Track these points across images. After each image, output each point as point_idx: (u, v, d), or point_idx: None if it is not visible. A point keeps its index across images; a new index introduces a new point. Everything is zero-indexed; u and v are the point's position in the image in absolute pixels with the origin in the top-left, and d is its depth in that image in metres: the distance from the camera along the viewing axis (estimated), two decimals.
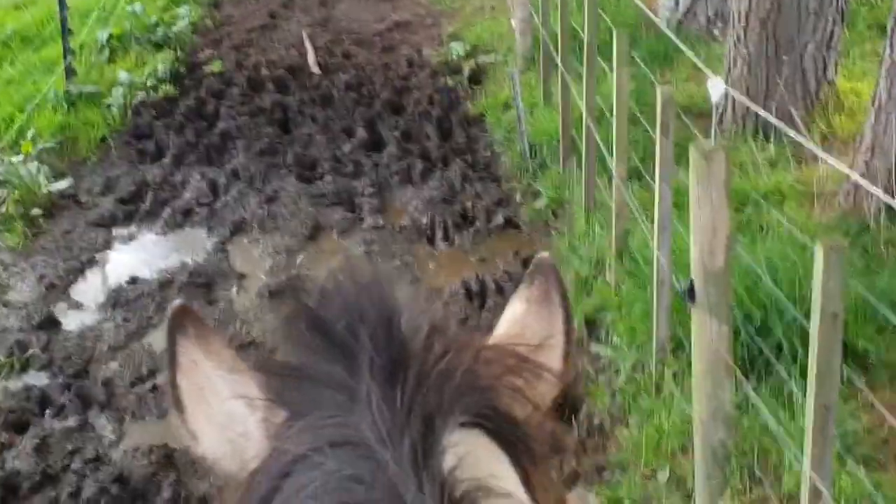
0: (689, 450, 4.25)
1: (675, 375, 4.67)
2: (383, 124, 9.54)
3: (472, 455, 0.87)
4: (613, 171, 5.93)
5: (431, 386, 0.88)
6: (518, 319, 1.11)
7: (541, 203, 7.58)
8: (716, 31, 9.48)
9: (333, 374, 0.90)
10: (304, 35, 11.74)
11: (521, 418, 0.97)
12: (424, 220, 7.66)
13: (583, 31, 6.87)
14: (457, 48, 11.05)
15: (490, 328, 1.11)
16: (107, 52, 10.77)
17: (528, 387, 0.99)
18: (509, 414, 0.95)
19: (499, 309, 4.45)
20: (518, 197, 7.97)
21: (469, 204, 7.90)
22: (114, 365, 5.86)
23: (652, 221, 5.12)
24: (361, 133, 9.29)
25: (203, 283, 6.84)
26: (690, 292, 3.78)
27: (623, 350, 5.12)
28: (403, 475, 0.81)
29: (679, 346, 4.82)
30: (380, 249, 7.26)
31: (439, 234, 7.51)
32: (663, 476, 4.14)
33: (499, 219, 7.64)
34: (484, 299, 6.51)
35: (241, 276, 6.93)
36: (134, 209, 7.96)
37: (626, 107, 6.00)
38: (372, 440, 0.84)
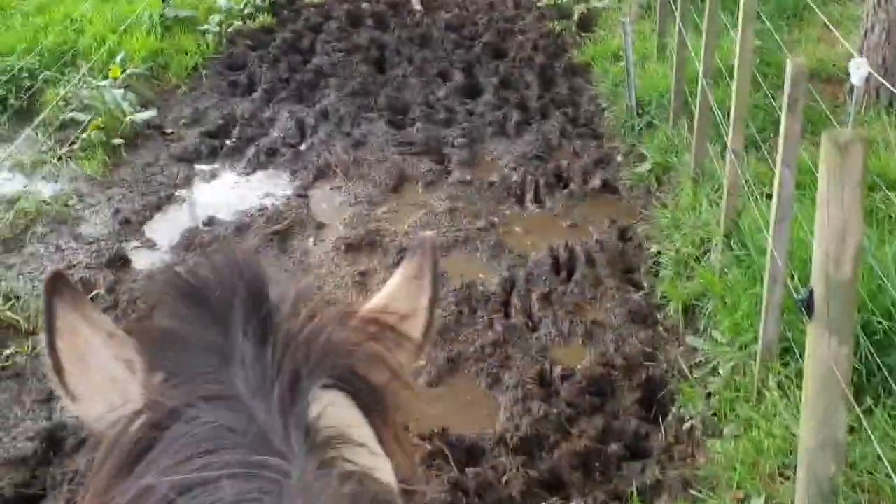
0: (789, 475, 3.76)
1: (780, 384, 4.16)
2: (482, 69, 9.04)
3: (334, 410, 0.98)
4: (728, 141, 5.34)
5: (298, 346, 0.97)
6: (391, 292, 1.22)
7: (644, 167, 7.00)
8: None
9: (208, 338, 0.98)
10: None
11: (378, 381, 1.06)
12: (515, 178, 7.18)
13: None
14: None
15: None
16: None
17: (388, 353, 1.09)
18: (367, 377, 1.05)
19: (587, 283, 3.98)
20: (619, 158, 7.41)
21: (565, 163, 7.38)
22: None
23: (768, 202, 4.57)
24: (458, 77, 8.81)
25: (280, 229, 6.54)
26: (808, 304, 3.26)
27: (723, 347, 4.61)
28: (272, 423, 0.90)
29: (788, 350, 4.29)
30: (464, 206, 6.83)
31: (530, 194, 7.03)
32: (758, 503, 3.67)
33: (596, 181, 7.11)
34: (571, 271, 6.05)
35: (320, 226, 6.60)
36: (219, 145, 7.70)
37: (750, 69, 5.39)
38: (243, 394, 0.92)
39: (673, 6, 7.59)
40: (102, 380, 1.06)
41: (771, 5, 8.58)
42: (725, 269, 5.13)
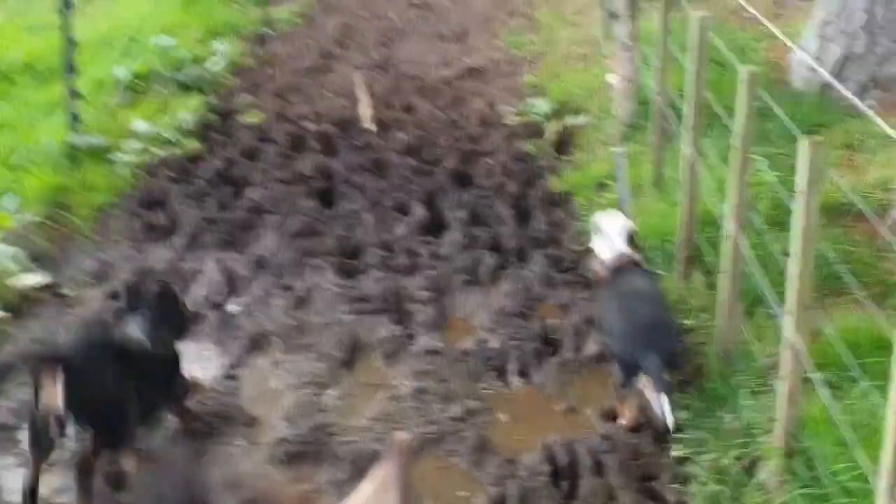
0: None
1: None
2: (446, 200, 7.94)
3: None
4: (786, 326, 4.18)
5: None
6: (363, 499, 1.26)
7: None
8: (871, 102, 7.67)
9: None
10: (358, 81, 10.18)
11: None
12: (494, 344, 6.01)
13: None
14: (539, 105, 9.42)
15: None
16: (124, 94, 9.32)
17: None
18: None
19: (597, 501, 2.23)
20: None
21: (552, 322, 6.24)
22: None
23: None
24: (419, 211, 7.70)
25: (201, 428, 5.27)
26: None
27: None
28: None
29: None
30: (434, 386, 5.63)
31: (513, 365, 5.86)
32: None
33: (591, 346, 5.96)
34: (575, 480, 4.84)
35: (251, 422, 5.35)
36: None
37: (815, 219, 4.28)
38: None
39: (675, 123, 6.62)
40: None
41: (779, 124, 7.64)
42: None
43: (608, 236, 5.63)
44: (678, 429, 4.97)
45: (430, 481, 4.81)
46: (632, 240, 5.66)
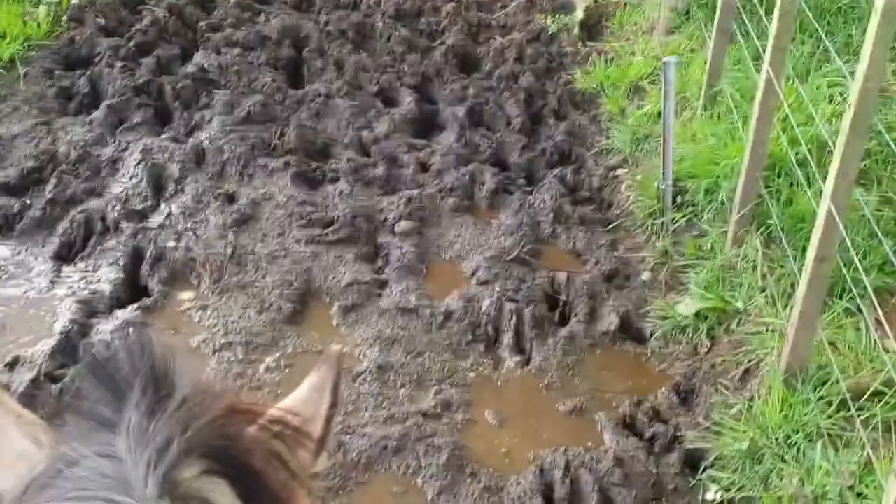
0: None
1: None
2: (443, 89, 6.62)
3: (211, 490, 1.12)
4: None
5: (178, 420, 1.12)
6: (296, 397, 1.43)
7: (687, 307, 4.71)
8: None
9: (105, 412, 1.15)
10: None
11: (264, 473, 1.20)
12: (485, 304, 4.84)
13: None
14: None
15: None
16: None
17: (288, 452, 1.27)
18: (250, 465, 1.18)
19: None
20: (646, 275, 5.10)
21: (562, 277, 5.06)
22: None
23: None
24: (408, 101, 6.38)
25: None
26: None
27: None
28: (136, 474, 1.09)
29: None
30: (403, 362, 4.50)
31: (507, 335, 4.71)
32: None
33: (611, 318, 4.81)
34: None
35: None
36: (18, 210, 5.21)
37: None
38: (121, 451, 1.12)
39: (746, 19, 5.29)
40: (11, 456, 1.26)
41: None
42: None
43: None
44: (719, 461, 3.91)
45: None
46: None
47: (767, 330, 4.30)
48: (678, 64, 5.21)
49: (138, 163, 5.54)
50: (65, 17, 6.73)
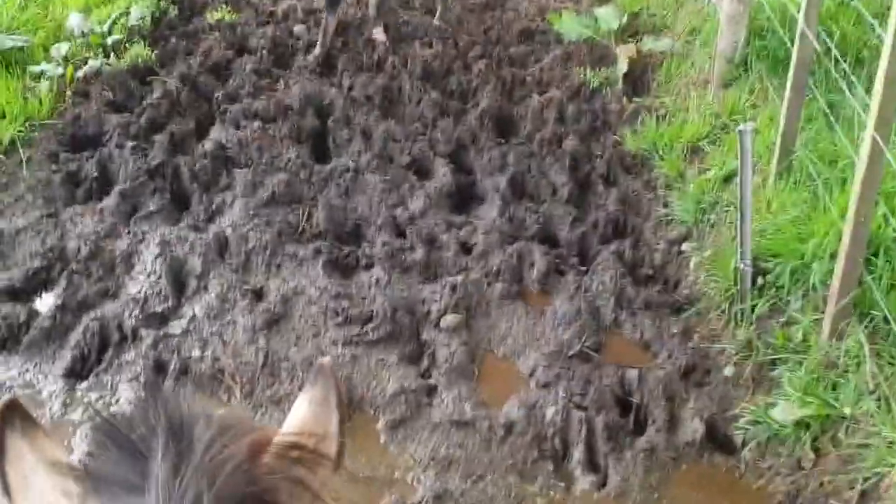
0: None
1: None
2: (480, 157, 6.16)
3: None
4: None
5: (204, 472, 1.13)
6: (302, 417, 1.40)
7: (787, 411, 4.20)
8: None
9: (128, 473, 1.16)
10: None
11: None
12: (550, 413, 4.34)
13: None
14: (606, 17, 7.47)
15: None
16: None
17: (309, 476, 1.26)
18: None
19: None
20: (728, 370, 4.59)
21: (633, 375, 4.56)
22: None
23: None
24: (442, 172, 5.93)
25: None
26: None
27: None
28: None
29: None
30: (461, 488, 4.00)
31: (578, 450, 4.21)
32: None
33: (694, 426, 4.30)
34: None
35: None
36: (24, 320, 4.74)
37: None
38: None
39: (832, 72, 4.82)
40: (44, 502, 1.28)
41: None
42: None
43: None
44: None
45: None
46: None
47: (883, 441, 3.79)
48: (754, 132, 4.73)
49: (156, 257, 5.09)
50: (69, 92, 6.30)
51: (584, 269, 5.31)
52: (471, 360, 4.67)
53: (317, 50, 6.95)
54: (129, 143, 5.92)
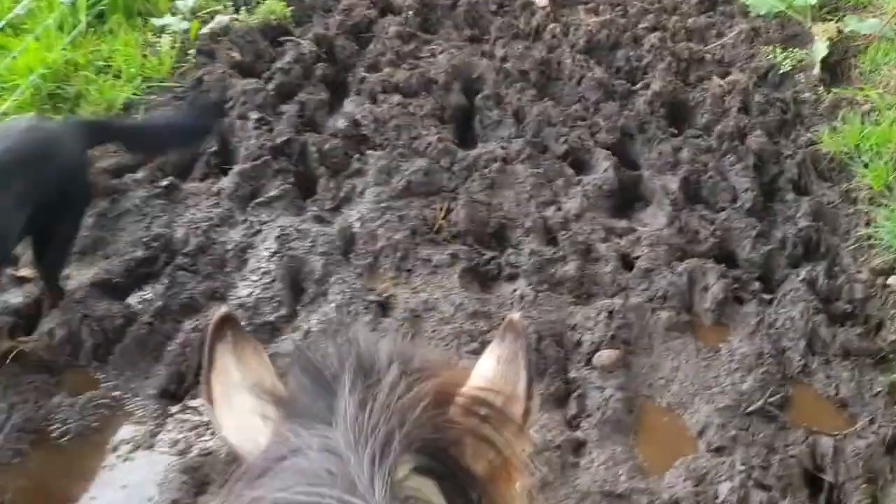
0: None
1: None
2: (647, 149, 5.40)
3: (420, 486, 1.17)
4: None
5: (393, 414, 1.17)
6: (488, 375, 1.40)
7: None
8: None
9: (320, 403, 1.22)
10: None
11: (476, 471, 1.24)
12: (724, 490, 3.62)
13: None
14: None
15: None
16: None
17: (497, 436, 1.28)
18: (461, 464, 1.23)
19: None
20: None
21: (827, 447, 3.78)
22: None
23: None
24: (603, 166, 5.18)
25: None
26: None
27: None
28: (360, 472, 1.12)
29: None
30: None
31: None
32: None
33: None
34: None
35: None
36: (124, 319, 4.23)
37: None
38: (342, 446, 1.16)
39: None
40: (241, 420, 1.36)
41: None
42: None
43: None
44: None
45: None
46: None
47: None
48: None
49: (272, 254, 4.52)
50: (192, 51, 5.76)
51: (767, 297, 4.51)
52: (628, 410, 3.96)
53: None
54: (254, 115, 5.35)
